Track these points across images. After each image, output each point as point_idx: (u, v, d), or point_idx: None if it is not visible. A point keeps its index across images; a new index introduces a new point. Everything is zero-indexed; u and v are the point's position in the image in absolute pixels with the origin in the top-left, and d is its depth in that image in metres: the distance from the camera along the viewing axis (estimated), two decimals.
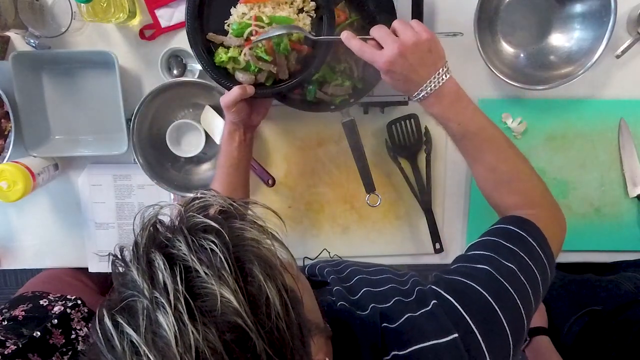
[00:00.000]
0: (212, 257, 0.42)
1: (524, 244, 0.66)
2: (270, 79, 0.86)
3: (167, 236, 0.44)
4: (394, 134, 1.05)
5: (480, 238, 0.69)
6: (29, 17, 0.95)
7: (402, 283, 0.67)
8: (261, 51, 0.82)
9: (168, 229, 0.46)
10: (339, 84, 0.92)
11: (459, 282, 0.61)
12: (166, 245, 0.44)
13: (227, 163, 0.86)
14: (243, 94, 0.81)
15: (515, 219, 0.70)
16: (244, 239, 0.45)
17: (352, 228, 1.11)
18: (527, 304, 0.61)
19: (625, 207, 1.08)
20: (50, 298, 1.05)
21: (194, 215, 0.46)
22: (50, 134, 1.05)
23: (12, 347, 0.87)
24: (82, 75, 1.03)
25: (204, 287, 0.41)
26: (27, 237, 1.13)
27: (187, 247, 0.43)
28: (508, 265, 0.62)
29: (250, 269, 0.43)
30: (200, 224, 0.45)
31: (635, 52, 1.02)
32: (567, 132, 1.07)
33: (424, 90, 0.72)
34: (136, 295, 0.42)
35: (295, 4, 0.85)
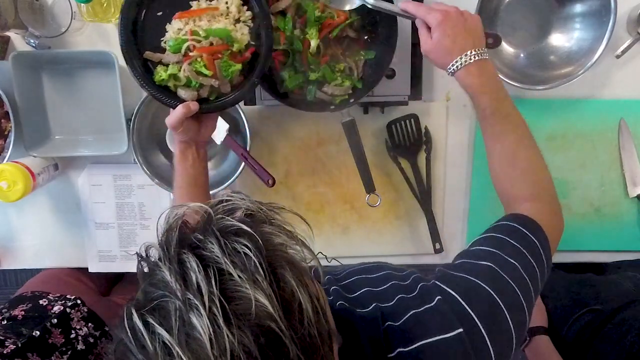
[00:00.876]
0: (245, 261, 0.42)
1: (527, 243, 0.66)
2: (213, 93, 0.84)
3: (198, 237, 0.44)
4: (394, 134, 1.05)
5: (486, 234, 0.69)
6: (29, 17, 0.95)
7: (403, 279, 0.66)
8: (200, 66, 0.80)
9: (197, 230, 0.45)
10: (339, 84, 0.92)
11: (463, 278, 0.61)
12: (197, 246, 0.44)
13: (184, 183, 0.84)
14: (187, 113, 0.79)
15: (520, 217, 0.70)
16: (274, 244, 0.45)
17: (352, 228, 1.11)
18: (529, 300, 0.61)
19: (625, 207, 1.08)
20: (50, 298, 1.05)
21: (224, 218, 0.46)
22: (50, 134, 1.05)
23: (12, 346, 0.87)
24: (82, 75, 1.03)
25: (237, 290, 0.41)
26: (27, 237, 1.13)
27: (220, 250, 0.42)
28: (511, 261, 0.63)
29: (282, 274, 0.43)
30: (231, 227, 0.45)
31: (635, 52, 1.02)
32: (567, 132, 1.07)
33: (468, 57, 0.73)
34: (167, 296, 0.42)
35: (231, 15, 0.83)
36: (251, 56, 0.84)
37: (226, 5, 0.83)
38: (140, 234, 1.12)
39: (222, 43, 0.81)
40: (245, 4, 0.84)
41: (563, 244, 1.10)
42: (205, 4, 0.83)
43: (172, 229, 0.46)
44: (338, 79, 0.92)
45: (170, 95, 0.83)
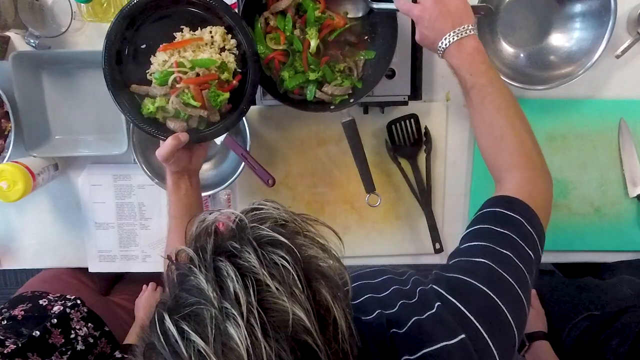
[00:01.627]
0: (284, 273, 0.42)
1: (515, 226, 0.65)
2: (202, 123, 0.84)
3: (235, 245, 0.43)
4: (394, 134, 1.05)
5: (472, 227, 0.69)
6: (29, 17, 0.95)
7: (403, 283, 0.66)
8: (188, 97, 0.80)
9: (232, 237, 0.44)
10: (339, 84, 0.92)
11: (460, 280, 0.60)
12: (234, 254, 0.43)
13: (179, 213, 0.83)
14: (178, 144, 0.78)
15: (502, 199, 0.69)
16: (309, 256, 0.45)
17: (352, 228, 1.11)
18: (526, 290, 0.61)
19: (625, 207, 1.08)
20: (50, 298, 1.05)
21: (259, 227, 0.45)
22: (50, 134, 1.05)
23: (12, 346, 0.87)
24: (82, 75, 1.03)
25: (274, 302, 0.41)
26: (27, 237, 1.13)
27: (258, 260, 0.42)
28: (504, 252, 0.62)
29: (318, 288, 0.43)
30: (267, 237, 0.44)
31: (635, 52, 1.01)
32: (567, 132, 1.07)
33: (447, 39, 0.76)
34: (202, 303, 0.41)
35: (215, 44, 0.83)
36: (238, 83, 0.84)
37: (210, 34, 0.83)
38: (140, 233, 1.12)
39: (208, 73, 0.80)
40: (229, 32, 0.84)
41: (563, 244, 1.11)
42: (189, 35, 0.82)
43: (206, 235, 0.45)
44: (338, 79, 0.92)
45: (159, 127, 0.83)
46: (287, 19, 0.89)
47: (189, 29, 0.83)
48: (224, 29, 0.83)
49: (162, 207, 1.10)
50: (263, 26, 0.90)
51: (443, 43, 0.77)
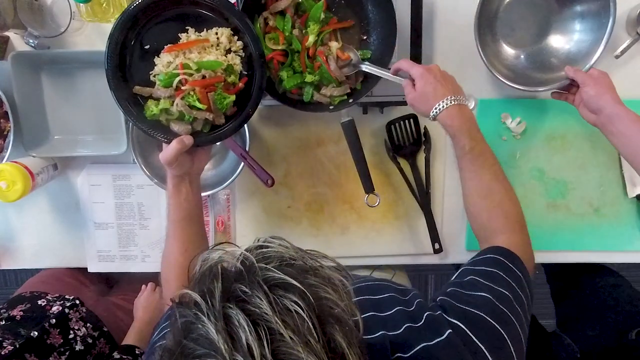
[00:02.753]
0: (298, 321, 0.39)
1: (514, 277, 0.69)
2: (207, 126, 0.82)
3: (244, 290, 0.41)
4: (393, 134, 1.05)
5: (475, 266, 0.71)
6: (28, 17, 0.95)
7: (407, 303, 0.66)
8: (194, 100, 0.78)
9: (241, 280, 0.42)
10: (336, 85, 0.92)
11: (467, 311, 0.61)
12: (244, 300, 0.40)
13: (179, 217, 0.82)
14: (183, 148, 0.77)
15: (506, 251, 0.73)
16: (321, 298, 0.42)
17: (352, 228, 1.11)
18: (524, 331, 0.63)
19: (624, 207, 1.08)
20: (49, 298, 1.05)
21: (268, 268, 0.42)
22: (50, 134, 1.05)
23: (9, 347, 0.87)
24: (82, 75, 1.03)
25: (289, 352, 0.39)
26: (27, 237, 1.13)
27: (270, 307, 0.39)
28: (504, 292, 0.65)
29: (332, 334, 0.41)
30: (278, 280, 0.42)
31: (634, 52, 1.01)
32: (566, 132, 1.07)
33: (448, 100, 0.79)
34: (212, 356, 0.38)
35: (221, 45, 0.81)
36: (244, 86, 0.83)
37: (216, 36, 0.81)
38: (140, 233, 1.12)
39: (215, 75, 0.79)
40: (235, 33, 0.82)
41: (562, 244, 1.11)
42: (195, 36, 0.81)
43: (212, 277, 0.42)
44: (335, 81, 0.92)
45: (162, 130, 0.81)
46: (286, 19, 0.89)
47: (194, 30, 0.82)
48: (230, 30, 0.82)
49: (161, 207, 1.10)
50: (262, 26, 0.90)
51: (443, 103, 0.79)
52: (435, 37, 1.03)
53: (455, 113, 0.79)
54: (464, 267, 0.72)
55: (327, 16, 0.90)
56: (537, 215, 1.09)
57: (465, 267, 0.72)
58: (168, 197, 0.84)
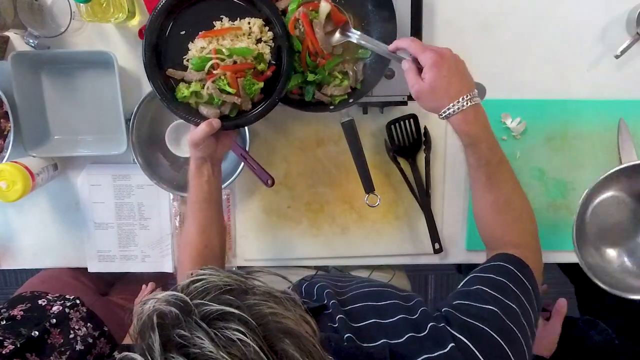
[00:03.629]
0: (244, 349, 0.38)
1: (524, 289, 0.67)
2: (234, 110, 0.86)
3: (182, 334, 0.39)
4: (393, 134, 1.05)
5: (484, 273, 0.69)
6: (28, 17, 0.95)
7: (410, 311, 0.65)
8: (224, 84, 0.82)
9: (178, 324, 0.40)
10: (338, 84, 0.92)
11: (472, 324, 0.60)
12: (184, 345, 0.39)
13: (199, 198, 0.84)
14: (211, 130, 0.79)
15: (516, 260, 0.70)
16: (264, 315, 0.41)
17: (352, 228, 1.11)
18: (529, 347, 0.62)
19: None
20: (49, 298, 1.05)
21: (203, 303, 0.41)
22: (50, 134, 1.05)
23: (10, 346, 0.87)
24: (82, 75, 1.03)
25: None
26: (27, 237, 1.13)
27: (213, 343, 0.38)
28: (512, 306, 0.63)
29: (284, 349, 0.40)
30: (216, 312, 0.40)
31: (634, 52, 1.01)
32: (566, 132, 1.06)
33: (465, 100, 0.70)
34: None
35: (253, 35, 0.85)
36: (272, 75, 0.86)
37: (249, 25, 0.85)
38: (140, 233, 1.12)
39: (245, 62, 0.83)
40: (266, 24, 0.86)
41: (562, 244, 1.10)
42: (229, 24, 0.85)
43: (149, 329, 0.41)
44: (337, 79, 0.92)
45: (192, 113, 0.85)
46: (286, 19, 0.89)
47: (228, 19, 0.85)
48: (262, 20, 0.86)
49: (161, 207, 1.10)
50: None
51: (460, 103, 0.69)
52: (435, 37, 1.03)
53: (472, 118, 0.70)
54: (472, 275, 0.69)
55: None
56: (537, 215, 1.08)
57: (474, 275, 0.69)
58: (190, 179, 0.85)
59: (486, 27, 1.03)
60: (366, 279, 0.84)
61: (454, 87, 0.70)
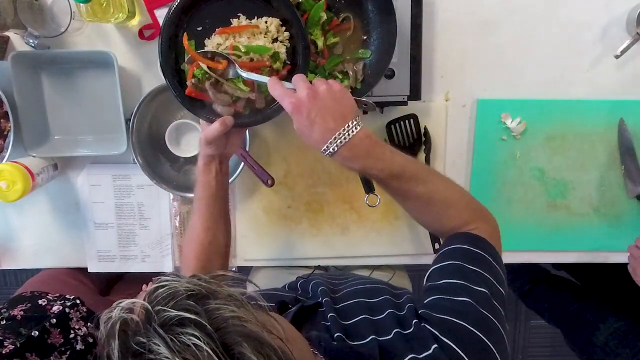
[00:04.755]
0: (198, 354, 0.39)
1: (485, 264, 0.67)
2: (247, 108, 0.85)
3: (140, 340, 0.40)
4: (393, 134, 1.05)
5: (442, 262, 0.69)
6: (28, 17, 0.95)
7: (399, 307, 0.65)
8: (238, 81, 0.81)
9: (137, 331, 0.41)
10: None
11: (451, 322, 0.60)
12: (140, 352, 0.40)
13: (206, 194, 0.84)
14: (225, 129, 0.78)
15: (468, 236, 0.70)
16: (225, 319, 0.42)
17: (352, 228, 1.11)
18: (503, 324, 0.62)
19: (624, 207, 1.08)
20: (49, 298, 1.05)
21: (164, 309, 0.42)
22: (50, 134, 1.05)
23: (10, 346, 0.87)
24: (82, 75, 1.03)
25: None
26: (27, 237, 1.13)
27: (168, 349, 0.39)
28: (481, 290, 0.63)
29: (241, 352, 0.40)
30: (175, 318, 0.41)
31: (634, 52, 1.01)
32: (566, 132, 1.07)
33: (334, 143, 0.68)
34: None
35: (269, 33, 0.85)
36: (287, 74, 0.86)
37: (266, 24, 0.85)
38: (140, 233, 1.12)
39: (261, 60, 0.82)
40: (283, 24, 0.86)
41: (562, 244, 1.11)
42: (246, 22, 0.84)
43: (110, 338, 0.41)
44: (337, 79, 0.92)
45: (206, 110, 0.84)
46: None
47: (245, 17, 0.85)
48: (279, 20, 0.85)
49: (161, 207, 1.10)
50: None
51: (330, 147, 0.68)
52: (435, 37, 1.03)
53: (347, 155, 0.69)
54: (432, 268, 0.69)
55: (329, 16, 0.90)
56: (537, 215, 1.10)
57: (433, 268, 0.69)
58: (197, 175, 0.85)
59: (486, 27, 1.03)
60: (362, 277, 0.85)
61: (317, 131, 0.69)
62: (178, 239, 1.11)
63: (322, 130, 0.68)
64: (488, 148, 1.07)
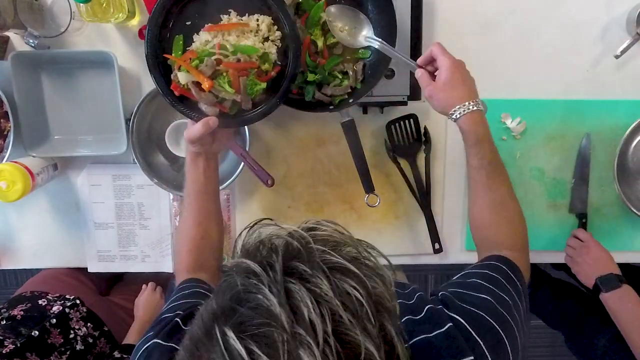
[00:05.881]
0: (357, 306, 0.40)
1: (515, 287, 0.69)
2: (234, 108, 0.83)
3: (305, 269, 0.41)
4: (393, 134, 1.05)
5: (478, 269, 0.71)
6: (28, 17, 0.95)
7: (408, 297, 0.66)
8: (224, 81, 0.79)
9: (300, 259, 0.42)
10: (338, 84, 0.92)
11: (469, 309, 0.62)
12: (304, 278, 0.40)
13: (194, 189, 0.84)
14: (207, 130, 0.78)
15: (508, 262, 0.73)
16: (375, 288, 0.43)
17: (352, 228, 1.10)
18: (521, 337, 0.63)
19: (624, 207, 1.08)
20: (49, 298, 1.05)
21: (325, 251, 0.42)
22: (50, 134, 1.05)
23: (10, 346, 0.87)
24: (82, 75, 1.03)
25: (346, 334, 0.39)
26: (27, 237, 1.13)
27: (331, 289, 0.40)
28: (505, 298, 0.65)
29: (383, 323, 0.41)
30: (336, 264, 0.42)
31: (634, 52, 1.01)
32: (566, 132, 1.07)
33: (475, 103, 0.76)
34: (273, 326, 0.38)
35: (260, 32, 0.82)
36: (276, 75, 0.84)
37: (257, 22, 0.82)
38: (140, 233, 1.12)
39: (249, 60, 0.80)
40: (275, 23, 0.83)
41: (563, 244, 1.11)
42: (236, 19, 0.82)
43: (269, 250, 0.42)
44: (337, 79, 0.92)
45: (191, 107, 0.83)
46: None
47: (236, 14, 0.83)
48: (271, 19, 0.83)
49: (161, 207, 1.10)
50: None
51: (470, 105, 0.75)
52: (435, 37, 1.03)
53: (479, 119, 0.76)
54: (467, 270, 0.72)
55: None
56: (537, 215, 1.10)
57: (468, 270, 0.72)
58: (186, 171, 0.86)
59: (486, 27, 1.03)
60: None
61: (464, 90, 0.76)
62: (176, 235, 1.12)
63: (471, 87, 0.77)
64: None
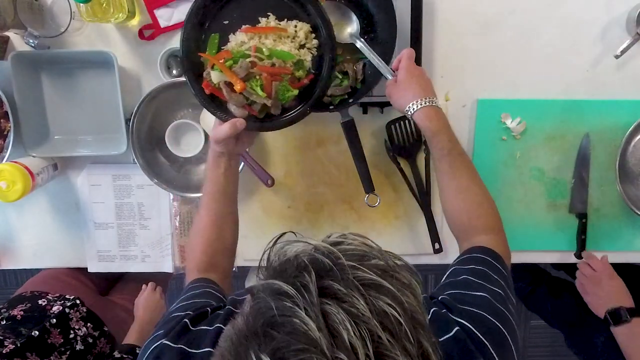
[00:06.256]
0: (395, 325, 0.38)
1: (502, 276, 0.70)
2: (263, 112, 0.83)
3: (339, 288, 0.39)
4: (393, 134, 1.05)
5: (465, 265, 0.72)
6: (28, 17, 0.95)
7: None
8: (257, 85, 0.78)
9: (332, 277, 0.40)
10: (338, 84, 0.92)
11: (470, 311, 0.62)
12: (339, 298, 0.39)
13: (214, 189, 0.84)
14: (234, 132, 0.78)
15: (489, 251, 0.74)
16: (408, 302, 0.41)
17: (352, 228, 1.11)
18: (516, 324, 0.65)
19: (624, 207, 1.08)
20: (49, 298, 1.05)
21: (356, 267, 0.40)
22: (50, 134, 1.05)
23: (11, 346, 0.87)
24: (82, 75, 1.03)
25: (386, 355, 0.38)
26: (27, 237, 1.13)
27: (369, 309, 0.38)
28: (498, 291, 0.66)
29: (419, 339, 0.40)
30: (369, 281, 0.40)
31: (634, 52, 1.01)
32: (566, 132, 1.07)
33: (428, 100, 0.81)
34: (313, 352, 0.36)
35: (297, 39, 0.81)
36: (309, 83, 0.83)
37: (295, 29, 0.81)
38: (140, 233, 1.12)
39: (284, 66, 0.79)
40: (313, 31, 0.83)
41: (562, 244, 1.11)
42: (274, 23, 0.81)
43: (302, 271, 0.40)
44: (337, 79, 0.92)
45: (221, 108, 0.82)
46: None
47: (275, 17, 0.82)
48: (310, 26, 0.82)
49: (161, 207, 1.10)
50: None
51: (423, 101, 0.81)
52: (435, 38, 1.03)
53: (433, 114, 0.81)
54: (454, 267, 0.73)
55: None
56: (537, 215, 1.10)
57: (455, 267, 0.73)
58: (206, 170, 0.86)
59: (486, 27, 1.03)
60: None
61: (418, 88, 0.82)
62: (178, 239, 1.11)
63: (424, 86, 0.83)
64: (488, 148, 1.07)
